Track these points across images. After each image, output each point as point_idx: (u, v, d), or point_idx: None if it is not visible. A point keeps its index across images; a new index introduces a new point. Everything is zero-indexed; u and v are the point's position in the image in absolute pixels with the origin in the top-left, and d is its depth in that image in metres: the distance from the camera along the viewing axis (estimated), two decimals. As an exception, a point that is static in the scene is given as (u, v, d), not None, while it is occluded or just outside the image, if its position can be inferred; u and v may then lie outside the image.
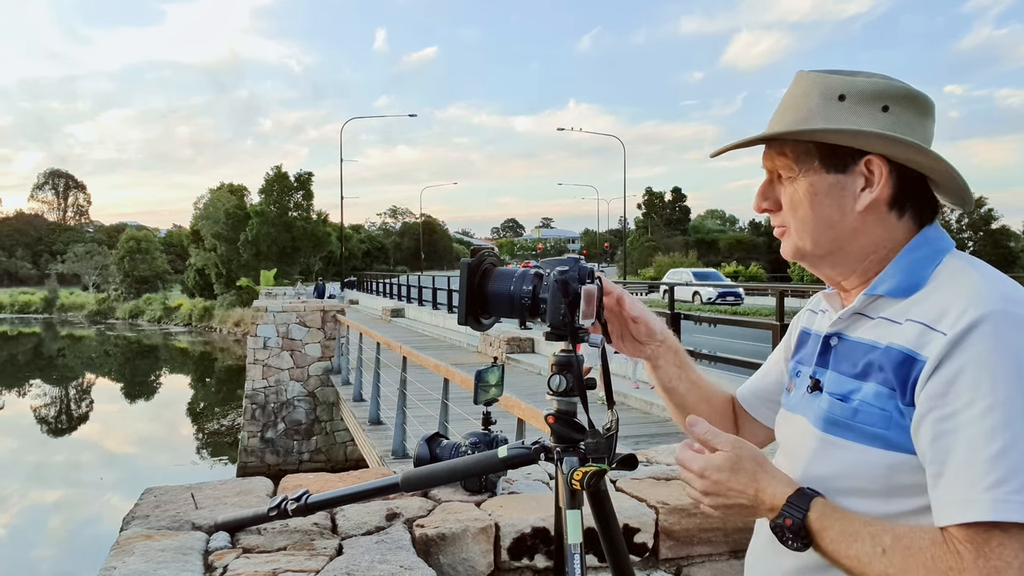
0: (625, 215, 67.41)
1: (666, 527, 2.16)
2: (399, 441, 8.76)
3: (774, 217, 1.15)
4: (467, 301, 1.24)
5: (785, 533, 1.02)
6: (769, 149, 1.13)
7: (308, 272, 49.94)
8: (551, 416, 1.23)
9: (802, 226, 1.11)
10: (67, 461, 19.66)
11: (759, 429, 1.37)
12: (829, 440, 1.06)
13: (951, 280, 1.02)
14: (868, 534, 0.96)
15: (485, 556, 2.00)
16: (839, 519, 0.99)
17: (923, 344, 0.97)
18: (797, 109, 1.09)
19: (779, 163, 1.12)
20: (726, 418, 1.40)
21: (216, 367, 35.45)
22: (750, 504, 1.05)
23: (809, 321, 1.28)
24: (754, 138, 1.12)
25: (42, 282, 78.20)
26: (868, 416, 1.01)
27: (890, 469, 0.99)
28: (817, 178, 1.08)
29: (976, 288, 0.98)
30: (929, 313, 0.99)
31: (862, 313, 1.10)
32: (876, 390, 1.01)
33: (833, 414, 1.06)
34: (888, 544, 0.94)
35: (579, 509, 1.20)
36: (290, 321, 17.19)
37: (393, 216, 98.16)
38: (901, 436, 0.98)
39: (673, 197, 71.86)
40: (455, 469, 1.65)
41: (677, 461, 1.12)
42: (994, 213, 56.38)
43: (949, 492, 0.92)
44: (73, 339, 50.95)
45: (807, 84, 1.10)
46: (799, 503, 1.01)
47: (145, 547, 1.75)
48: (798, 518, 1.00)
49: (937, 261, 1.06)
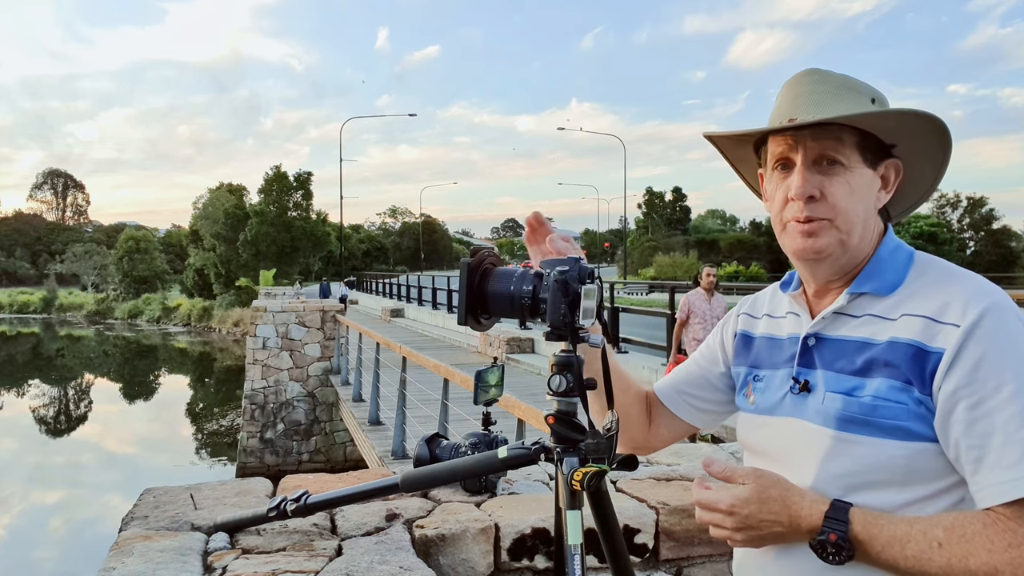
0: (625, 215, 67.65)
1: (666, 528, 2.16)
2: (399, 441, 8.76)
3: (814, 207, 1.08)
4: (467, 301, 1.24)
5: (828, 548, 1.02)
6: (819, 134, 1.08)
7: (307, 272, 49.94)
8: (551, 416, 1.22)
9: (853, 218, 1.09)
10: (67, 462, 19.65)
11: (676, 423, 1.39)
12: (845, 438, 1.06)
13: (943, 276, 1.07)
14: (918, 532, 0.98)
15: (485, 557, 1.99)
16: (884, 525, 1.00)
17: (932, 336, 1.01)
18: (844, 100, 1.08)
19: (832, 150, 1.08)
20: (640, 411, 1.41)
21: (215, 367, 35.43)
22: (786, 531, 1.06)
23: (749, 325, 1.29)
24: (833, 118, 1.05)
25: (41, 282, 78.28)
26: (887, 410, 1.03)
27: (908, 459, 1.02)
28: (864, 171, 1.10)
29: (972, 282, 1.04)
30: (928, 307, 1.03)
31: (844, 312, 1.11)
32: (888, 384, 1.03)
33: (848, 412, 1.06)
34: (942, 537, 0.97)
35: (579, 510, 1.19)
36: (289, 321, 17.18)
37: (393, 216, 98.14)
38: (918, 425, 1.01)
39: (674, 197, 71.93)
40: (455, 470, 1.64)
41: (699, 504, 1.12)
42: (995, 213, 56.42)
43: (994, 473, 0.95)
44: (72, 339, 50.94)
45: (837, 83, 1.11)
46: (838, 517, 1.02)
47: (144, 548, 1.75)
48: (842, 532, 1.01)
49: (911, 261, 1.12)
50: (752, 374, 1.24)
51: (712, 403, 1.36)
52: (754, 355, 1.26)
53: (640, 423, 1.40)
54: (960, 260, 38.96)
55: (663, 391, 1.40)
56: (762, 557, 1.17)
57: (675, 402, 1.38)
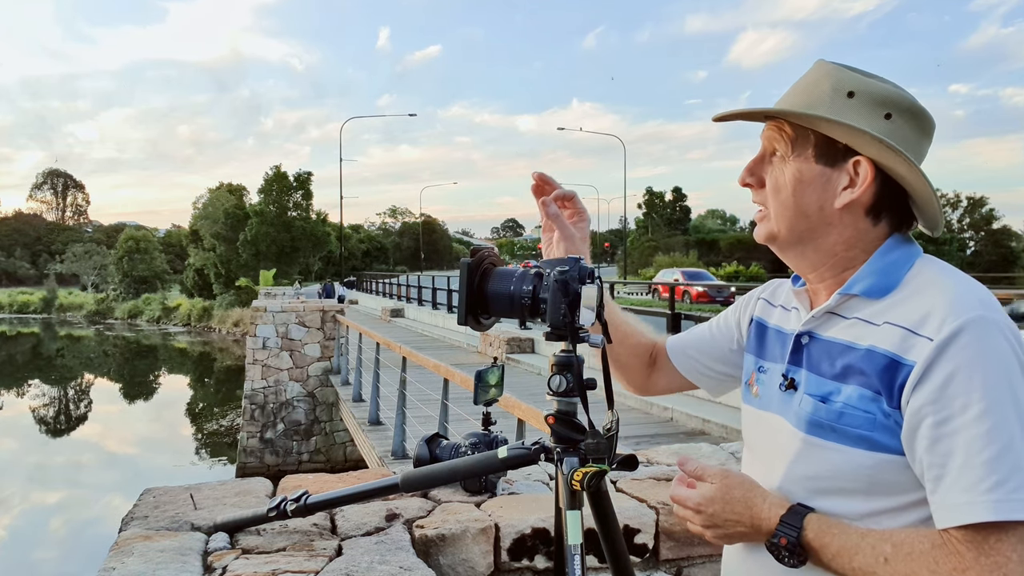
0: (625, 215, 67.62)
1: (666, 528, 2.16)
2: (399, 441, 8.76)
3: (755, 194, 1.16)
4: (467, 301, 1.24)
5: (781, 552, 1.03)
6: (771, 126, 1.14)
7: (307, 272, 49.95)
8: (551, 416, 1.23)
9: (781, 210, 1.12)
10: (67, 462, 19.65)
11: (678, 378, 1.42)
12: (813, 442, 1.07)
13: (928, 285, 1.04)
14: (868, 545, 0.98)
15: (485, 557, 1.99)
16: (837, 534, 1.00)
17: (907, 348, 0.99)
18: (807, 94, 1.10)
19: (777, 140, 1.12)
20: (641, 361, 1.45)
21: (215, 367, 35.44)
22: (748, 530, 1.09)
23: (766, 313, 1.29)
24: (761, 110, 1.13)
25: (41, 282, 78.24)
26: (853, 418, 1.03)
27: (873, 469, 1.01)
28: (806, 166, 1.09)
29: (956, 294, 1.00)
30: (909, 317, 1.01)
31: (835, 312, 1.11)
32: (859, 393, 1.03)
33: (817, 416, 1.07)
34: (889, 553, 0.96)
35: (579, 510, 1.20)
36: (289, 321, 17.19)
37: (393, 216, 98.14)
38: (885, 437, 1.00)
39: (673, 197, 71.90)
40: (455, 470, 1.65)
41: (672, 499, 1.16)
42: (995, 213, 56.43)
43: (951, 495, 0.93)
44: (72, 339, 50.94)
45: (822, 73, 1.11)
46: (792, 521, 1.03)
47: (144, 548, 1.75)
48: (793, 537, 1.02)
49: (909, 264, 1.08)
50: (759, 365, 1.25)
51: (719, 373, 1.39)
52: (763, 346, 1.26)
53: (639, 373, 1.46)
54: (960, 260, 38.95)
55: (674, 349, 1.42)
56: (733, 553, 1.21)
57: (683, 363, 1.41)
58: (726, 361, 1.37)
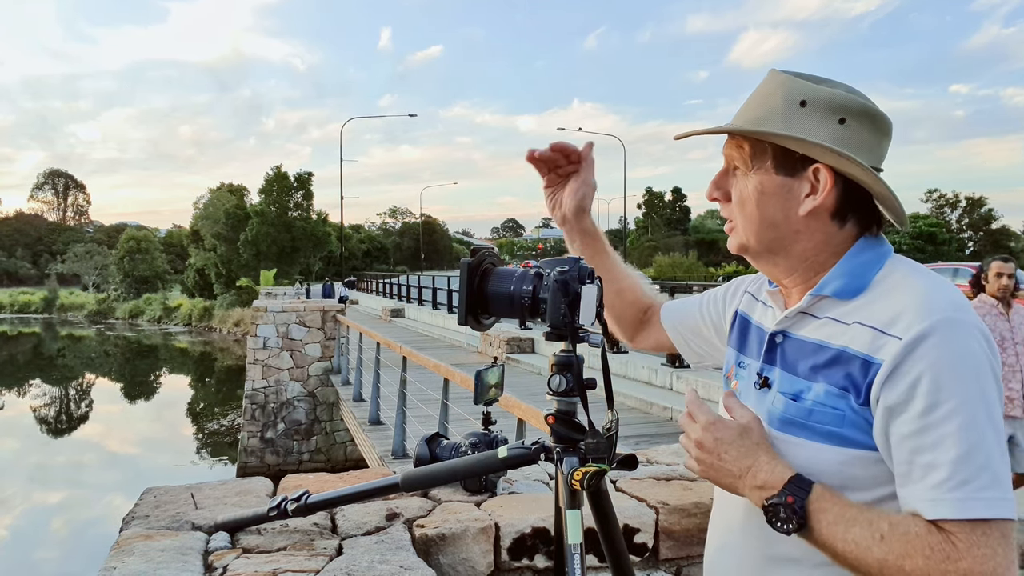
0: (625, 215, 67.34)
1: (666, 527, 2.16)
2: (399, 441, 8.76)
3: (723, 208, 1.19)
4: (467, 301, 1.24)
5: (781, 512, 1.02)
6: (730, 141, 1.15)
7: (308, 272, 49.93)
8: (551, 416, 1.23)
9: (747, 223, 1.14)
10: (68, 462, 19.65)
11: (664, 339, 1.47)
12: (783, 438, 1.08)
13: (898, 286, 1.05)
14: (865, 519, 0.98)
15: (485, 556, 1.99)
16: (836, 502, 1.01)
17: (877, 348, 1.01)
18: (760, 107, 1.12)
19: (736, 156, 1.15)
20: (636, 315, 1.51)
21: (216, 367, 35.43)
22: (738, 473, 1.07)
23: (750, 308, 1.30)
24: (715, 128, 1.15)
25: (42, 282, 78.21)
26: (822, 415, 1.05)
27: (843, 465, 1.03)
28: (767, 178, 1.11)
29: (925, 295, 1.02)
30: (879, 317, 1.03)
31: (808, 312, 1.13)
32: (827, 390, 1.05)
33: (788, 414, 1.09)
34: (886, 531, 0.96)
35: (579, 509, 1.20)
36: (290, 321, 17.18)
37: (393, 216, 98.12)
38: (855, 433, 1.02)
39: (673, 197, 71.84)
40: (455, 469, 1.65)
41: (688, 404, 1.13)
42: (994, 213, 56.35)
43: (918, 490, 0.96)
44: (73, 339, 50.92)
45: (775, 84, 1.13)
46: (801, 484, 1.03)
47: (145, 547, 1.75)
48: (802, 497, 1.01)
49: (880, 265, 1.09)
50: (739, 360, 1.26)
51: (705, 351, 1.44)
52: (745, 342, 1.28)
53: (630, 325, 1.52)
54: (959, 260, 38.76)
55: (668, 319, 1.47)
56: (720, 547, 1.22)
57: (675, 334, 1.46)
58: (704, 339, 1.42)
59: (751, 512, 1.11)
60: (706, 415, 1.10)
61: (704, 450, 1.09)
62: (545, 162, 1.43)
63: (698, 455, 1.10)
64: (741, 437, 1.07)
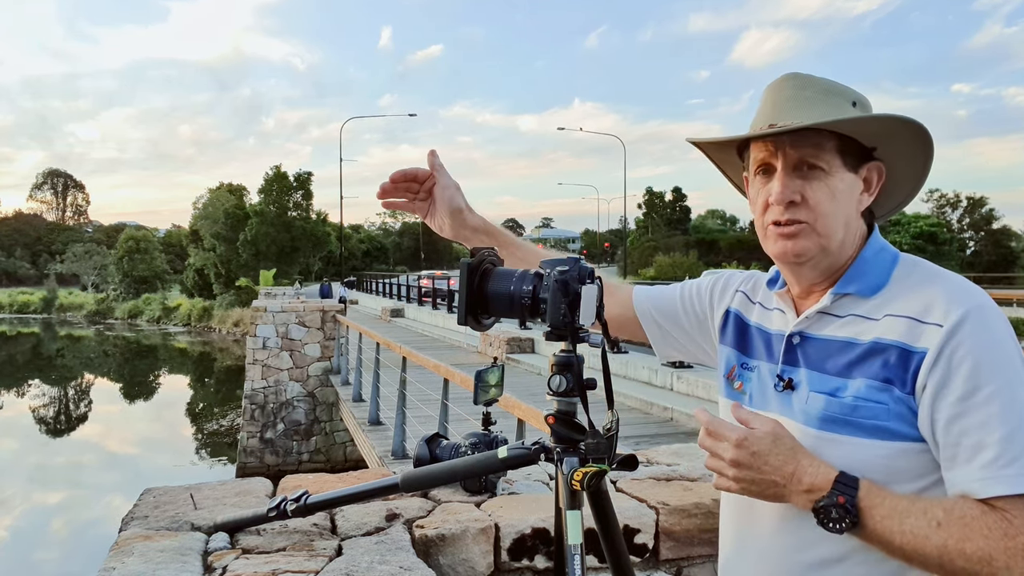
0: (625, 215, 67.54)
1: (666, 528, 2.16)
2: (399, 441, 8.76)
3: (794, 211, 1.09)
4: (467, 301, 1.24)
5: (832, 513, 1.01)
6: (798, 141, 1.08)
7: (307, 272, 49.95)
8: (551, 416, 1.23)
9: (832, 223, 1.10)
10: (67, 462, 19.65)
11: (630, 323, 1.43)
12: (826, 437, 1.07)
13: (926, 279, 1.09)
14: (919, 509, 0.99)
15: (485, 557, 1.99)
16: (887, 496, 1.01)
17: (916, 336, 1.03)
18: (825, 104, 1.09)
19: (812, 156, 1.09)
20: None
21: (215, 367, 35.43)
22: (783, 482, 1.05)
23: (745, 308, 1.29)
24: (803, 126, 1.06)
25: (41, 282, 78.23)
26: (867, 410, 1.05)
27: (890, 458, 1.04)
28: (844, 175, 1.11)
29: (954, 285, 1.06)
30: (912, 308, 1.05)
31: (828, 312, 1.13)
32: (867, 384, 1.05)
33: (830, 411, 1.08)
34: (941, 517, 0.98)
35: (579, 510, 1.20)
36: (289, 321, 17.18)
37: (393, 216, 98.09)
38: (899, 425, 1.03)
39: (674, 197, 71.82)
40: (455, 470, 1.65)
41: (708, 430, 1.09)
42: (995, 213, 56.36)
43: (969, 471, 0.98)
44: (72, 339, 50.93)
45: (818, 87, 1.12)
46: (848, 482, 1.02)
47: (144, 548, 1.75)
48: (852, 495, 1.01)
49: (896, 262, 1.13)
50: (743, 361, 1.25)
51: (678, 341, 1.41)
52: (747, 343, 1.27)
53: None
54: (960, 260, 38.88)
55: (641, 303, 1.43)
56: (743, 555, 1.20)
57: (647, 319, 1.42)
58: (681, 329, 1.39)
59: (783, 518, 1.10)
60: (734, 433, 1.07)
61: (742, 467, 1.06)
62: (400, 194, 1.43)
63: (735, 474, 1.07)
64: (775, 445, 1.06)
